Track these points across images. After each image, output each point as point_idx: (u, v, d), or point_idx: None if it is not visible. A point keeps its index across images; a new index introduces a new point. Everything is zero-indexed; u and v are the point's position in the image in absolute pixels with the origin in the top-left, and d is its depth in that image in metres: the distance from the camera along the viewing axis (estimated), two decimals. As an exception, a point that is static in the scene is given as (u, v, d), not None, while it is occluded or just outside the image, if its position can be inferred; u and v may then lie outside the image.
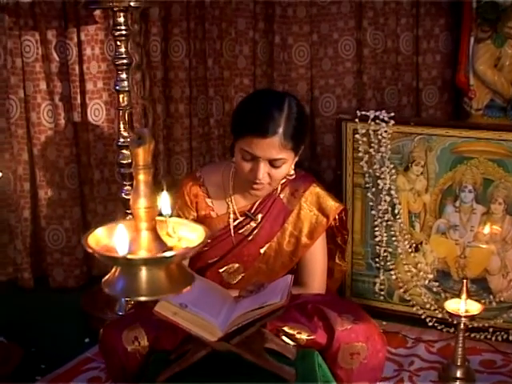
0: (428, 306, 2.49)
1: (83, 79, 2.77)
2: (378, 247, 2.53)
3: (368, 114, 2.45)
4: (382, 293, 2.57)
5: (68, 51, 2.73)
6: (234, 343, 1.72)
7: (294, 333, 1.89)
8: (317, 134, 3.13)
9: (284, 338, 1.89)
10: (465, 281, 2.10)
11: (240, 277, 2.18)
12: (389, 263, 2.53)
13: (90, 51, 2.76)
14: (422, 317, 2.51)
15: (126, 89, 2.47)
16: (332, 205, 2.12)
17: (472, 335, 2.43)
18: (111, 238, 1.11)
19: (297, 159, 2.06)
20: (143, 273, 1.03)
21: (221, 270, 2.17)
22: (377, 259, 2.55)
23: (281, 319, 1.90)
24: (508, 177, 2.32)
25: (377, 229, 2.52)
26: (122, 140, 2.51)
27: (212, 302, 1.84)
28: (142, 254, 1.06)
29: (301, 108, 2.01)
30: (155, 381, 1.77)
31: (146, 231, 1.08)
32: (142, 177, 1.07)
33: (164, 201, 1.15)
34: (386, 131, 2.43)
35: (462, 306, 2.09)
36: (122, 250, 1.04)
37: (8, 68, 2.70)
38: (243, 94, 3.01)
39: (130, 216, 2.58)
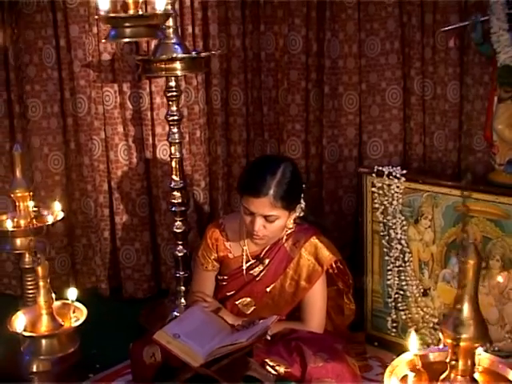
0: (432, 346, 2.71)
1: (153, 124, 3.25)
2: (390, 289, 2.79)
3: (383, 169, 2.72)
4: (394, 330, 2.83)
5: (141, 100, 3.22)
6: (212, 369, 2.11)
7: (274, 365, 2.24)
8: (364, 175, 3.40)
9: (268, 367, 2.25)
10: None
11: (252, 308, 2.57)
12: (399, 304, 2.78)
13: (160, 100, 3.22)
14: (428, 356, 2.73)
15: (177, 141, 2.91)
16: (327, 255, 2.45)
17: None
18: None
19: (295, 215, 2.41)
20: (42, 341, 1.60)
21: (237, 302, 2.57)
22: (389, 300, 2.81)
23: (266, 352, 2.28)
24: (504, 236, 2.49)
25: (389, 273, 2.78)
26: (173, 183, 2.96)
27: (205, 333, 2.24)
28: (44, 329, 1.64)
29: (295, 174, 2.36)
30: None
31: (46, 315, 1.78)
32: (41, 283, 1.76)
33: (71, 292, 1.67)
34: (398, 186, 2.68)
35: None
36: (19, 328, 1.57)
37: (92, 114, 3.24)
38: (295, 137, 3.36)
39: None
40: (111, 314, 3.29)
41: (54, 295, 2.20)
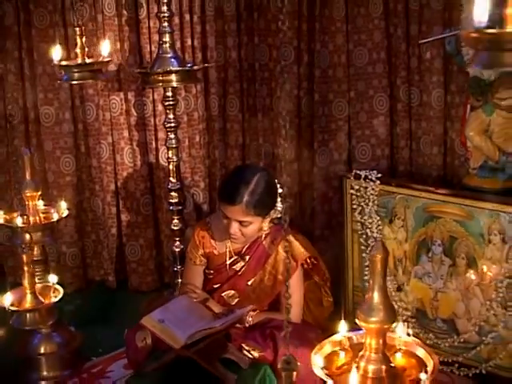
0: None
1: (156, 129, 3.52)
2: (367, 284, 3.01)
3: (360, 173, 2.94)
4: (372, 322, 3.04)
5: (145, 107, 3.50)
6: (192, 351, 2.37)
7: (250, 349, 2.49)
8: (353, 178, 3.61)
9: (244, 351, 2.50)
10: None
11: (236, 300, 2.82)
12: (376, 298, 2.99)
13: (162, 107, 3.48)
14: (401, 347, 2.95)
15: (174, 146, 3.17)
16: (301, 252, 2.68)
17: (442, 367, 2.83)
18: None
19: (270, 218, 2.65)
20: (27, 315, 1.99)
21: (222, 294, 2.83)
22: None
23: (243, 337, 2.52)
24: (468, 236, 2.70)
25: (367, 269, 2.99)
26: (171, 185, 3.22)
27: (187, 319, 2.50)
28: (28, 305, 1.97)
29: (269, 184, 2.60)
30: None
31: (29, 294, 2.23)
32: (26, 268, 2.20)
33: (52, 277, 1.96)
34: (373, 189, 2.90)
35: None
36: (6, 305, 1.88)
37: (100, 120, 3.52)
38: (287, 143, 3.58)
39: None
40: (117, 304, 3.58)
41: (36, 278, 2.72)
